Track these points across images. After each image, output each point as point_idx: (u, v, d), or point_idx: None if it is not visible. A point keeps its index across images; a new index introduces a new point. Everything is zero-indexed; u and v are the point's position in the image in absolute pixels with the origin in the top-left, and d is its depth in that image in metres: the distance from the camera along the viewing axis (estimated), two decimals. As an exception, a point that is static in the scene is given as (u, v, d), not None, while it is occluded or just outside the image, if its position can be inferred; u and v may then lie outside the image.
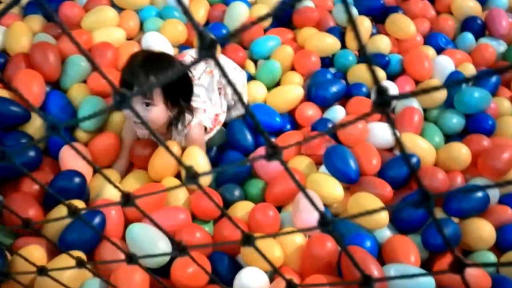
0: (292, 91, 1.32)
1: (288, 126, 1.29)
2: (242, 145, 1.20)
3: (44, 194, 0.97)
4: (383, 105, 0.26)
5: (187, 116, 1.07)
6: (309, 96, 1.33)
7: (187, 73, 1.05)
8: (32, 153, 1.01)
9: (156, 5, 1.50)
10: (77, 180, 0.97)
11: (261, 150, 1.15)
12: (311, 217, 0.96)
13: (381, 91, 0.25)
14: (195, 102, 1.10)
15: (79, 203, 0.93)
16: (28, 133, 1.07)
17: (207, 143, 1.18)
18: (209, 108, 1.16)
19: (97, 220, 0.89)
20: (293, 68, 1.41)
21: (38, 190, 0.97)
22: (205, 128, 1.14)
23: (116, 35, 1.34)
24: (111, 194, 1.00)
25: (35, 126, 1.09)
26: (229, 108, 1.25)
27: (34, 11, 1.36)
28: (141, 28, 1.43)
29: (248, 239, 0.40)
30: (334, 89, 1.30)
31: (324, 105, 1.31)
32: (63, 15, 1.30)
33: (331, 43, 1.42)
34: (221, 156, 1.20)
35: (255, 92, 1.32)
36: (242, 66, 1.37)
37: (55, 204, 0.95)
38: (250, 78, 1.36)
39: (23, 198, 0.92)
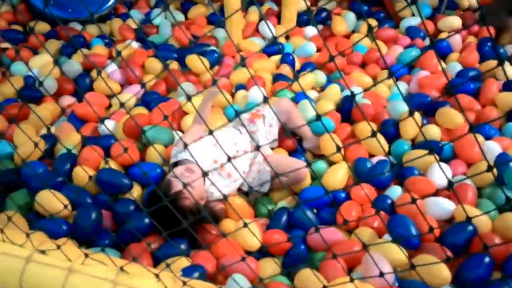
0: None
1: (343, 195, 1.47)
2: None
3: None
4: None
5: None
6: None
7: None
8: (146, 220, 1.27)
9: (238, 103, 1.85)
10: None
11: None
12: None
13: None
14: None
15: (184, 261, 1.15)
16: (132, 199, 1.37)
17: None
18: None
19: (197, 274, 1.11)
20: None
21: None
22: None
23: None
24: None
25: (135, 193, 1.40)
26: None
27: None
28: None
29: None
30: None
31: (378, 186, 1.49)
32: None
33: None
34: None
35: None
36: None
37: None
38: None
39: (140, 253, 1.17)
